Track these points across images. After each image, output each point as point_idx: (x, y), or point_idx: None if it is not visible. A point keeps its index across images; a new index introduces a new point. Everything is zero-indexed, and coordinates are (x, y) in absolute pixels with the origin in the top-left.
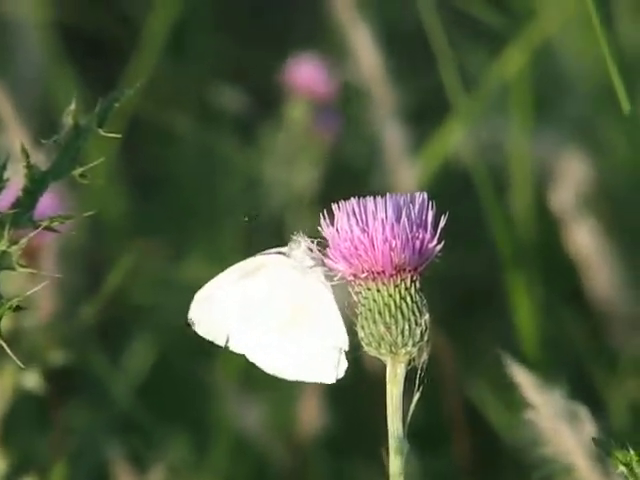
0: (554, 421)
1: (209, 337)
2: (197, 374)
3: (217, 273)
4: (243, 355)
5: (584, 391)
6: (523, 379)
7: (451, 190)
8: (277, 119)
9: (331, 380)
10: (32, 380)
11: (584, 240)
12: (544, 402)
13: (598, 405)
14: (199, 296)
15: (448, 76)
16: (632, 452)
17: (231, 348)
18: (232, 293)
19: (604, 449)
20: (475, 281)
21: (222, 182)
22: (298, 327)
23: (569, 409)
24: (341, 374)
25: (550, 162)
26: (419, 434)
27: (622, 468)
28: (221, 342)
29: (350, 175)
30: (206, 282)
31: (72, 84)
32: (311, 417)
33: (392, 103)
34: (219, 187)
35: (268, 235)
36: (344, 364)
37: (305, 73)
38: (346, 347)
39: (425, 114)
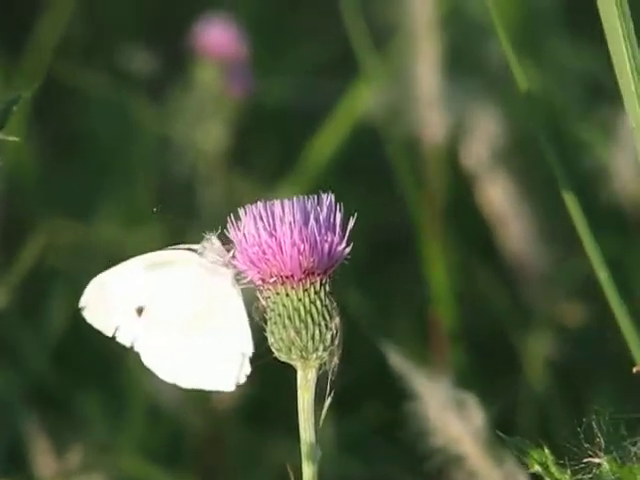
0: (441, 411)
1: (97, 325)
2: (113, 340)
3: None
4: None
5: (498, 346)
6: (405, 370)
7: (369, 144)
8: (187, 81)
9: (230, 388)
10: None
11: (497, 196)
12: (429, 393)
13: (513, 361)
14: (95, 281)
15: (355, 33)
16: (547, 451)
17: (119, 340)
18: (133, 284)
19: (510, 445)
20: (392, 234)
21: (134, 143)
22: (200, 330)
23: (456, 398)
24: (242, 380)
25: (462, 117)
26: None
27: (537, 467)
28: (109, 333)
29: (265, 135)
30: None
31: None
32: None
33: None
34: (132, 148)
35: (179, 195)
36: (247, 370)
37: (214, 35)
38: (250, 352)
39: (338, 69)
